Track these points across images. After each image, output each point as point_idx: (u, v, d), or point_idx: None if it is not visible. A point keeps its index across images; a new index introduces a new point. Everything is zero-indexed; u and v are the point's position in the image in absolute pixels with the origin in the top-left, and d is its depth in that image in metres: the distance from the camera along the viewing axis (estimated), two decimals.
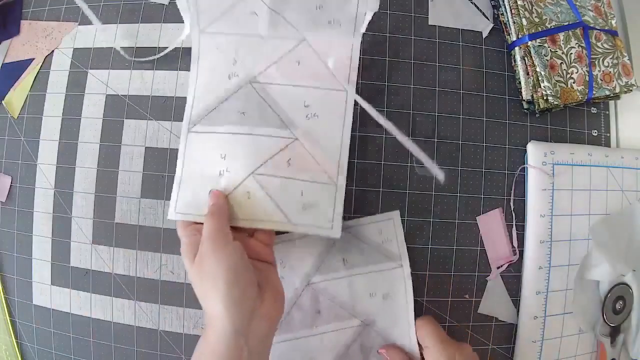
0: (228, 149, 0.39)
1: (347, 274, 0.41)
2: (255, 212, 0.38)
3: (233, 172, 0.38)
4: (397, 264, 0.41)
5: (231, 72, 0.40)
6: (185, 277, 0.43)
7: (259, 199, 0.38)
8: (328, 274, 0.41)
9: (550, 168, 0.42)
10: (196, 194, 0.38)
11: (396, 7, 0.44)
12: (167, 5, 0.45)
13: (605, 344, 0.42)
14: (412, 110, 0.43)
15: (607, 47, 0.43)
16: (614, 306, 0.41)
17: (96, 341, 0.44)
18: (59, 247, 0.45)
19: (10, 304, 0.46)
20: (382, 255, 0.41)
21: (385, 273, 0.41)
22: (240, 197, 0.38)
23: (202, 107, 0.40)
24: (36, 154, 0.46)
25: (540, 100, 0.42)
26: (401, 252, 0.41)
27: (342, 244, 0.41)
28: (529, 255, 0.42)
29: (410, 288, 0.40)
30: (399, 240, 0.41)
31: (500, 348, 0.43)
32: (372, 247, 0.41)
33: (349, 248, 0.41)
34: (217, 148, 0.39)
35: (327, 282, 0.41)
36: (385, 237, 0.41)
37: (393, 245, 0.41)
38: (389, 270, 0.41)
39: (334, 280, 0.41)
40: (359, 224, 0.42)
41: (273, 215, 0.37)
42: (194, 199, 0.38)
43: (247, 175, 0.38)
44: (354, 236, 0.41)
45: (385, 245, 0.41)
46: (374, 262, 0.41)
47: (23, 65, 0.47)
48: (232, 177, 0.38)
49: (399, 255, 0.41)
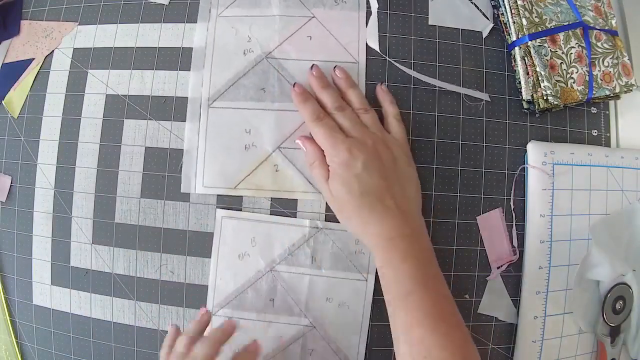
0: (252, 124, 0.42)
1: (311, 272, 0.41)
2: (283, 183, 0.41)
3: (259, 146, 0.41)
4: (363, 277, 0.41)
5: (246, 48, 0.43)
6: (185, 277, 0.43)
7: (286, 171, 0.41)
8: (293, 266, 0.41)
9: (550, 168, 0.42)
10: (224, 167, 0.41)
11: (396, 7, 0.44)
12: (167, 5, 0.45)
13: (605, 344, 0.42)
14: (412, 110, 0.43)
15: (607, 47, 0.43)
16: (614, 306, 0.41)
17: (96, 341, 0.44)
18: (59, 247, 0.45)
19: (10, 304, 0.46)
20: (351, 264, 0.41)
21: (348, 282, 0.41)
22: (268, 170, 0.41)
23: (219, 83, 0.42)
24: (36, 154, 0.46)
25: (540, 100, 0.42)
26: (370, 266, 0.41)
27: (316, 242, 0.41)
28: (529, 255, 0.42)
29: (369, 304, 0.41)
30: (371, 255, 0.41)
31: (500, 348, 0.43)
32: (344, 253, 0.41)
33: (321, 248, 0.41)
34: (241, 123, 0.42)
35: (289, 273, 0.41)
36: (359, 248, 0.41)
37: (365, 259, 0.41)
38: (353, 281, 0.41)
39: (297, 274, 0.41)
40: (340, 228, 0.41)
41: (300, 186, 0.41)
42: (221, 172, 0.41)
43: (273, 149, 0.41)
44: (331, 238, 0.41)
45: (357, 256, 0.41)
46: (341, 268, 0.41)
47: (23, 65, 0.47)
48: (259, 151, 0.41)
49: (368, 268, 0.41)
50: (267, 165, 0.41)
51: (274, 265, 0.41)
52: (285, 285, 0.41)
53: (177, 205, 0.43)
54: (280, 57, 0.42)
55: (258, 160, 0.41)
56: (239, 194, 0.42)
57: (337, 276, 0.41)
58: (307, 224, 0.41)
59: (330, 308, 0.41)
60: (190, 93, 0.43)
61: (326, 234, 0.41)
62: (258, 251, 0.41)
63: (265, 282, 0.41)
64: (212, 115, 0.42)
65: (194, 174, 0.42)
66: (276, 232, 0.41)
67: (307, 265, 0.41)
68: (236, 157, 0.41)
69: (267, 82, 0.42)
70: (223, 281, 0.41)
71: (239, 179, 0.41)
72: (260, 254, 0.41)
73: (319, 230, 0.41)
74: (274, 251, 0.41)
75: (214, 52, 0.43)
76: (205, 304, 0.42)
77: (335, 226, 0.41)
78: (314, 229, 0.41)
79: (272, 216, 0.41)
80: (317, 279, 0.41)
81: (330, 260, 0.41)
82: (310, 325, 0.41)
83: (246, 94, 0.42)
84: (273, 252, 0.41)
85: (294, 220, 0.41)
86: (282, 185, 0.41)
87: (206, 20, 0.43)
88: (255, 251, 0.41)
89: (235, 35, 0.43)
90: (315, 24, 0.43)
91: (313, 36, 0.43)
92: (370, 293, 0.41)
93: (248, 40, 0.43)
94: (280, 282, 0.41)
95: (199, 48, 0.43)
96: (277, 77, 0.42)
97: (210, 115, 0.42)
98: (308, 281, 0.41)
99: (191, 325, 0.36)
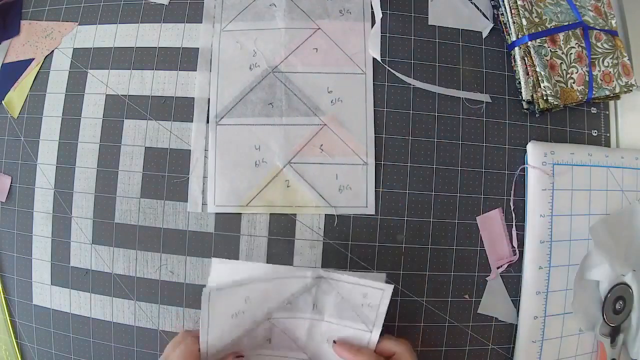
0: (261, 139, 0.41)
1: (312, 317, 0.38)
2: (295, 199, 0.41)
3: (269, 162, 0.41)
4: (368, 329, 0.37)
5: (252, 63, 0.43)
6: (185, 277, 0.43)
7: (297, 186, 0.40)
8: (292, 312, 0.37)
9: (550, 168, 0.42)
10: (235, 185, 0.41)
11: (396, 7, 0.44)
12: (167, 5, 0.45)
13: (605, 344, 0.42)
14: (412, 110, 0.43)
15: (607, 47, 0.43)
16: (614, 306, 0.41)
17: (96, 341, 0.44)
18: (59, 247, 0.45)
19: (10, 304, 0.46)
20: (356, 315, 0.37)
21: (351, 330, 0.37)
22: (279, 186, 0.41)
23: (226, 100, 0.42)
24: (36, 154, 0.46)
25: (540, 100, 0.42)
26: (377, 321, 0.37)
27: (319, 291, 0.37)
28: (529, 255, 0.42)
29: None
30: (379, 312, 0.37)
31: (500, 348, 0.43)
32: (350, 305, 0.37)
33: (324, 297, 0.37)
34: (250, 139, 0.41)
35: (288, 319, 0.37)
36: (367, 302, 0.37)
37: (372, 313, 0.37)
38: (356, 330, 0.37)
39: (296, 319, 0.38)
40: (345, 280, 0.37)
41: (312, 201, 0.41)
42: (233, 190, 0.41)
43: (284, 165, 0.41)
44: (335, 289, 0.37)
45: (364, 309, 0.37)
46: (346, 318, 0.37)
47: (23, 65, 0.47)
48: (269, 167, 0.41)
49: (374, 322, 0.37)
50: (278, 182, 0.41)
51: (271, 315, 0.37)
52: (283, 327, 0.38)
53: (177, 205, 0.43)
54: (286, 71, 0.42)
55: (269, 176, 0.41)
56: (251, 212, 0.41)
57: (341, 324, 0.37)
58: (310, 274, 0.36)
59: (330, 351, 0.38)
60: (195, 117, 0.43)
61: (330, 284, 0.37)
62: (254, 306, 0.36)
63: (262, 329, 0.37)
64: (221, 133, 0.42)
65: (201, 193, 0.41)
66: (273, 288, 0.36)
67: (308, 312, 0.37)
68: (246, 174, 0.41)
69: (275, 96, 0.42)
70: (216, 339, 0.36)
71: (251, 196, 0.41)
72: (257, 308, 0.36)
73: (322, 280, 0.37)
74: (271, 304, 0.37)
75: (220, 67, 0.43)
76: None
77: (339, 277, 0.36)
78: (316, 279, 0.36)
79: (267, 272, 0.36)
80: (318, 324, 0.37)
81: (333, 309, 0.37)
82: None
83: (254, 109, 0.42)
84: (270, 304, 0.37)
85: (294, 270, 0.37)
86: (294, 201, 0.41)
87: (210, 35, 0.43)
88: (251, 307, 0.36)
89: (240, 50, 0.43)
90: (320, 35, 0.43)
91: (319, 48, 0.43)
92: (373, 345, 0.37)
93: (253, 55, 0.43)
94: (277, 325, 0.37)
95: (204, 63, 0.43)
96: (284, 90, 0.42)
97: (219, 134, 0.42)
98: (308, 325, 0.38)
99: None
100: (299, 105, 0.42)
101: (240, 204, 0.41)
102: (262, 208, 0.41)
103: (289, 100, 0.42)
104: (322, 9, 0.43)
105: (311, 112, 0.42)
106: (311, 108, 0.42)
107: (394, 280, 0.42)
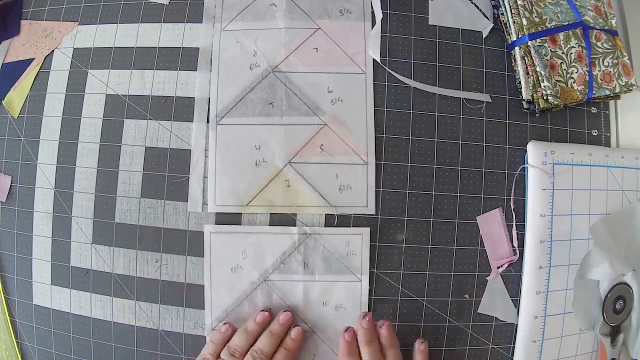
0: (262, 139, 0.41)
1: (305, 279, 0.41)
2: (295, 199, 0.41)
3: (270, 162, 0.41)
4: (357, 278, 0.41)
5: (252, 62, 0.43)
6: (185, 277, 0.43)
7: (298, 186, 0.41)
8: (286, 274, 0.41)
9: (551, 168, 0.42)
10: (235, 185, 0.41)
11: (396, 7, 0.44)
12: (167, 5, 0.45)
13: (605, 344, 0.42)
14: (412, 110, 0.43)
15: (607, 47, 0.43)
16: (614, 306, 0.41)
17: (96, 341, 0.44)
18: (59, 247, 0.45)
19: (10, 304, 0.46)
20: (344, 266, 0.41)
21: (342, 284, 0.41)
22: (280, 186, 0.41)
23: (227, 99, 0.42)
24: (36, 154, 0.46)
25: (540, 100, 0.42)
26: (363, 267, 0.41)
27: (306, 248, 0.41)
28: (529, 255, 0.42)
29: (365, 304, 0.41)
30: (363, 256, 0.41)
31: (500, 348, 0.43)
32: (336, 257, 0.41)
33: (313, 254, 0.41)
34: (250, 139, 0.41)
35: (283, 282, 0.41)
36: (351, 250, 0.41)
37: (357, 259, 0.41)
38: (347, 283, 0.41)
39: (291, 282, 0.41)
40: (328, 232, 0.41)
41: (313, 200, 0.41)
42: (233, 190, 0.41)
43: (284, 165, 0.41)
44: (321, 243, 0.41)
45: (349, 258, 0.41)
46: (334, 271, 0.41)
47: (23, 65, 0.47)
48: (270, 167, 0.41)
49: (361, 269, 0.41)
50: (278, 181, 0.41)
51: (267, 276, 0.41)
52: (281, 293, 0.41)
53: (177, 205, 0.43)
54: (287, 71, 0.42)
55: (269, 176, 0.41)
56: (251, 212, 0.42)
57: (331, 279, 0.41)
58: (295, 231, 0.41)
59: (328, 312, 0.41)
60: (196, 118, 0.43)
61: (315, 239, 0.41)
62: (250, 262, 0.41)
63: (261, 293, 0.41)
64: (221, 133, 0.42)
65: (201, 192, 0.42)
66: (266, 242, 0.41)
67: (300, 272, 0.41)
68: (247, 174, 0.41)
69: (275, 96, 0.42)
70: (219, 296, 0.41)
71: (251, 196, 0.41)
72: (252, 265, 0.41)
73: (308, 237, 0.41)
74: (265, 261, 0.41)
75: (220, 67, 0.43)
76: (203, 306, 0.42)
77: (323, 230, 0.41)
78: (302, 235, 0.41)
79: (260, 226, 0.41)
80: (312, 285, 0.41)
81: (322, 264, 0.41)
82: (310, 330, 0.41)
83: (254, 109, 0.42)
84: (265, 263, 0.41)
85: (282, 228, 0.41)
86: (294, 201, 0.41)
87: (210, 34, 0.43)
88: (247, 263, 0.41)
89: (240, 50, 0.43)
90: (321, 35, 0.43)
91: (319, 48, 0.43)
92: (365, 293, 0.41)
93: (254, 55, 0.43)
94: (275, 291, 0.41)
95: (204, 64, 0.43)
96: (284, 90, 0.42)
97: (219, 133, 0.42)
98: (303, 288, 0.41)
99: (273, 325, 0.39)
100: (299, 105, 0.42)
101: (240, 204, 0.41)
102: (262, 208, 0.41)
103: (289, 100, 0.42)
104: (323, 8, 0.43)
105: (311, 111, 0.42)
106: (311, 108, 0.42)
107: (394, 280, 0.42)
